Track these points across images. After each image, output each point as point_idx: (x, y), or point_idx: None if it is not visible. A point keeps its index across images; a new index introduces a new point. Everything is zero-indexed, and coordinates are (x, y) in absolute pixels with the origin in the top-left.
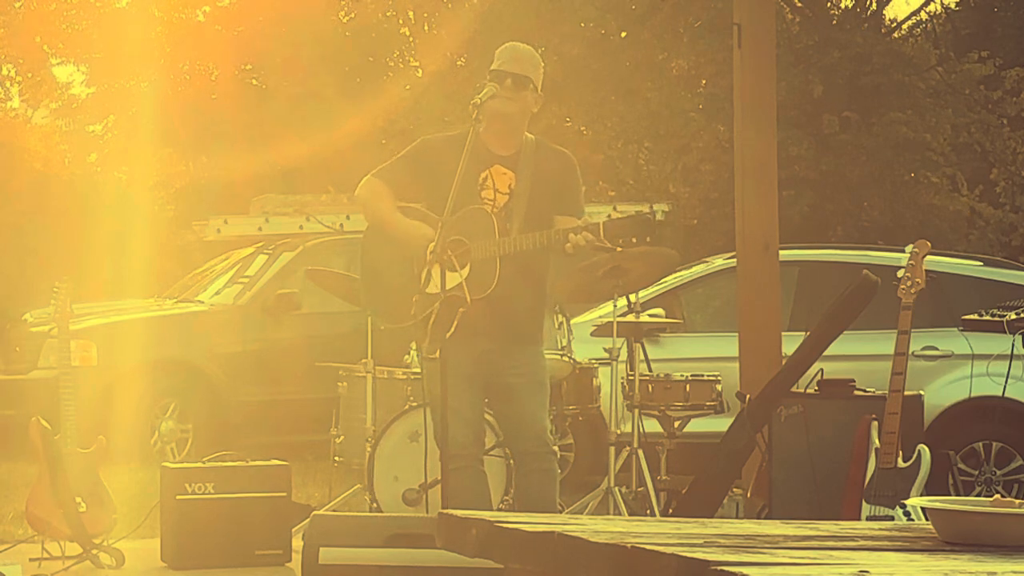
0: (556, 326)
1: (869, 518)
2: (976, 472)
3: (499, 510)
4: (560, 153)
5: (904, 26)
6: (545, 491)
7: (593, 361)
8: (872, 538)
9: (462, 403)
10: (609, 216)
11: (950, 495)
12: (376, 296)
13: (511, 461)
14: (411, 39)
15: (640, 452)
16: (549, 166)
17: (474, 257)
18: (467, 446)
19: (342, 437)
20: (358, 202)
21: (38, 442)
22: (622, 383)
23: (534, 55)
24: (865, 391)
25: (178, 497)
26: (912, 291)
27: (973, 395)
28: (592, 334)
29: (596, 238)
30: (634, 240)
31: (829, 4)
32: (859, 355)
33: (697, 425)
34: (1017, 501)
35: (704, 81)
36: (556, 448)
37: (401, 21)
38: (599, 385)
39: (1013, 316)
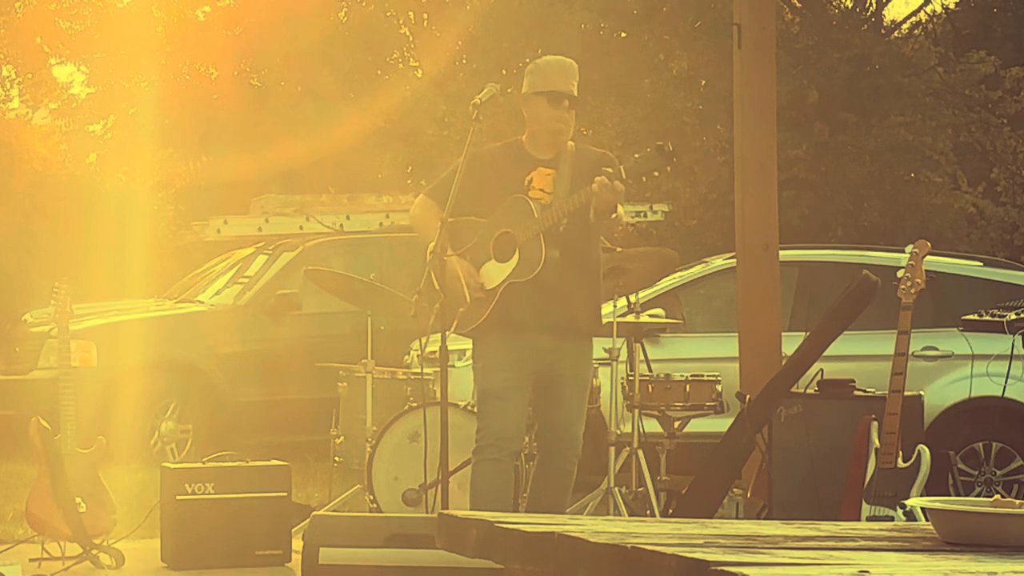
0: None
1: (869, 518)
2: (976, 472)
3: (510, 510)
4: (599, 152)
5: (904, 26)
6: (560, 492)
7: (593, 361)
8: (872, 538)
9: (513, 393)
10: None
11: (950, 495)
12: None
13: (527, 463)
14: (411, 39)
15: (640, 452)
16: (587, 162)
17: (519, 242)
18: (510, 440)
19: (342, 437)
20: (411, 220)
21: (38, 442)
22: (622, 383)
23: (575, 68)
24: (865, 391)
25: (178, 497)
26: (912, 291)
27: (973, 395)
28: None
29: (619, 177)
30: (656, 174)
31: (829, 5)
32: (859, 355)
33: (697, 425)
34: (1017, 501)
35: (703, 81)
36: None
37: (401, 21)
38: (599, 385)
39: (1013, 316)
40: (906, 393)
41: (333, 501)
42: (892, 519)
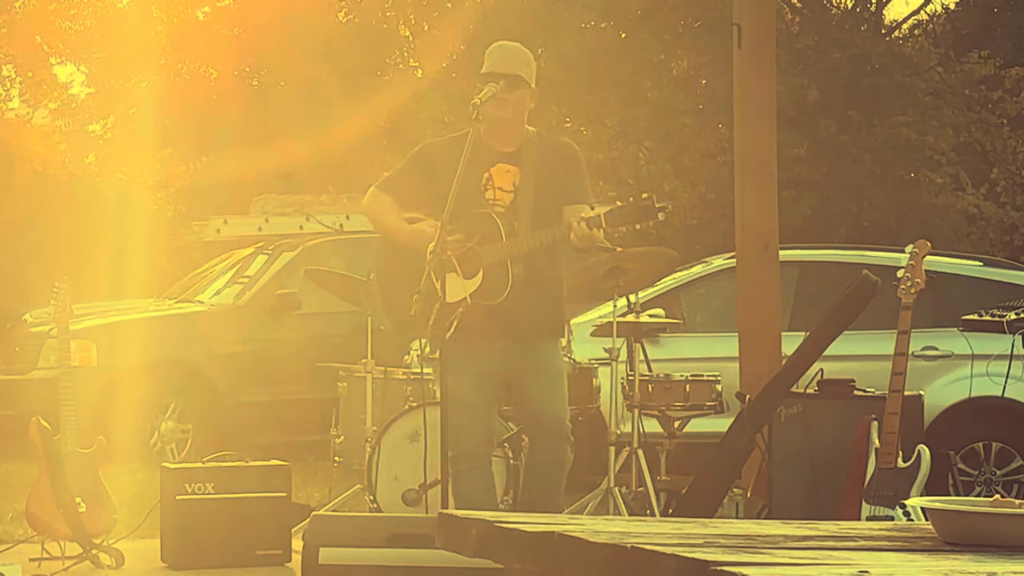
0: None
1: (869, 518)
2: (976, 472)
3: (499, 510)
4: (562, 143)
5: (904, 26)
6: (552, 481)
7: (593, 361)
8: (872, 538)
9: (478, 402)
10: None
11: (950, 495)
12: (392, 305)
13: (512, 461)
14: (411, 39)
15: (640, 452)
16: (552, 158)
17: (484, 263)
18: (480, 445)
19: (342, 437)
20: (365, 214)
21: (38, 442)
22: (622, 383)
23: (523, 52)
24: (865, 391)
25: (178, 497)
26: (912, 291)
27: (973, 395)
28: (592, 334)
29: (599, 228)
30: (637, 227)
31: (829, 4)
32: (859, 355)
33: (697, 425)
34: (1017, 501)
35: (704, 81)
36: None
37: (401, 22)
38: (599, 385)
39: (1013, 316)
40: (906, 393)
41: (333, 501)
42: (892, 519)
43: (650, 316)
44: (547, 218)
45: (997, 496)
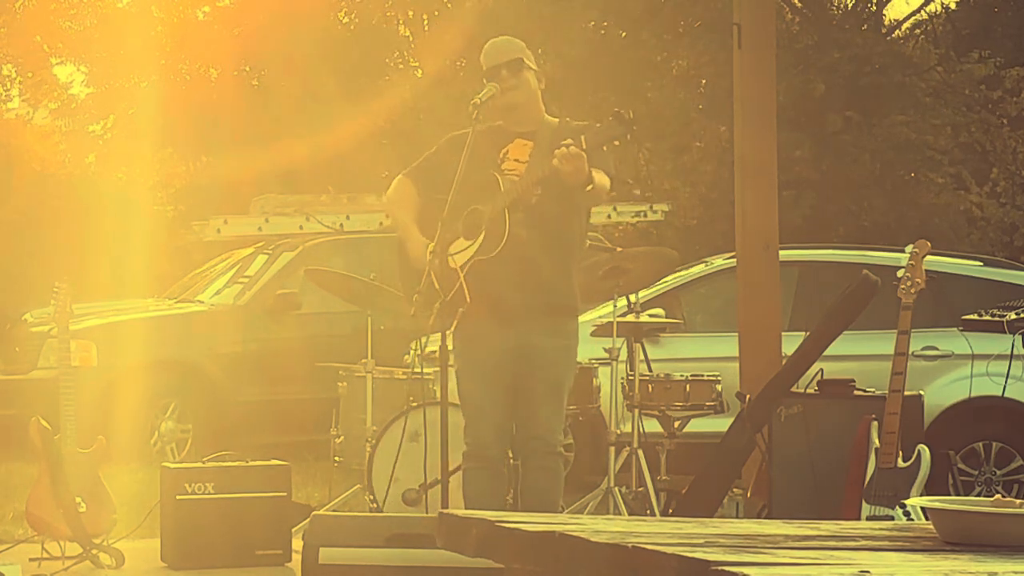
0: None
1: (869, 518)
2: (976, 472)
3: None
4: (581, 124)
5: (904, 26)
6: (546, 489)
7: (593, 361)
8: (872, 538)
9: (486, 403)
10: (609, 216)
11: (950, 495)
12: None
13: (513, 461)
14: (411, 39)
15: (640, 452)
16: (568, 135)
17: (486, 219)
18: (489, 447)
19: (342, 437)
20: (386, 202)
21: (38, 442)
22: (622, 383)
23: (512, 40)
24: (865, 391)
25: (178, 497)
26: (912, 291)
27: (973, 395)
28: (592, 334)
29: (578, 146)
30: (616, 143)
31: (829, 4)
32: (859, 355)
33: (697, 425)
34: (1017, 501)
35: (704, 81)
36: (562, 450)
37: (401, 21)
38: (599, 385)
39: (1013, 316)
40: (906, 393)
41: (333, 501)
42: (892, 519)
43: (650, 316)
44: (560, 188)
45: (997, 496)
